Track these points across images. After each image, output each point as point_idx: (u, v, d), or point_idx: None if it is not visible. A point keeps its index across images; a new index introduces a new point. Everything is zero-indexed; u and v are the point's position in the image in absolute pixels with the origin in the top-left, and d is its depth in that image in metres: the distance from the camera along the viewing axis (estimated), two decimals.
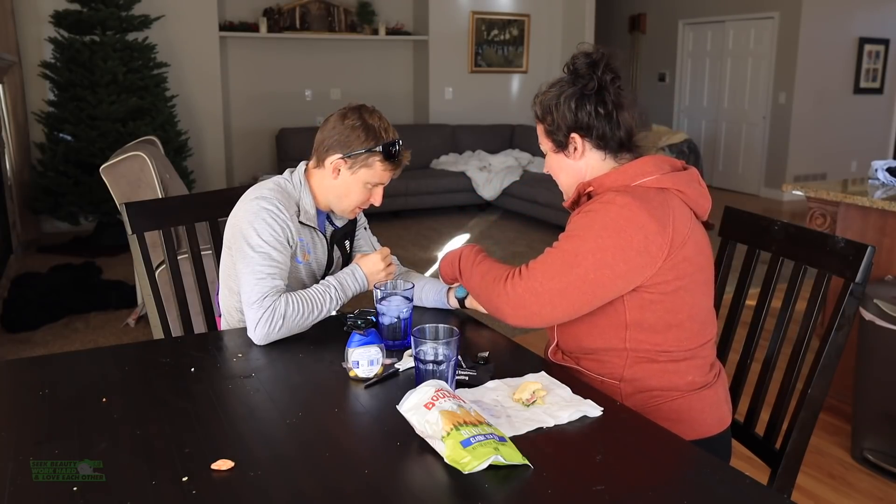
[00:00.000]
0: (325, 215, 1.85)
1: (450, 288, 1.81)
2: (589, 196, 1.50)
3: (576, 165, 1.52)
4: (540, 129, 1.56)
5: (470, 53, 7.81)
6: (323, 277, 1.82)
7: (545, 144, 1.56)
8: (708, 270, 1.48)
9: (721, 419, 1.53)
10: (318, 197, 1.79)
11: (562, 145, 1.51)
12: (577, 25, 7.90)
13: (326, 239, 1.84)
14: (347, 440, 1.22)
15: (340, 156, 1.71)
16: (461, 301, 1.77)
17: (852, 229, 2.89)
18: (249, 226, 1.66)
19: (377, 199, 1.79)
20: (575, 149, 1.50)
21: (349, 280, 1.71)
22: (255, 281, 1.62)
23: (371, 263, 1.75)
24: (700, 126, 9.05)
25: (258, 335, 1.58)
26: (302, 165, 1.80)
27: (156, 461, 1.11)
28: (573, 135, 1.49)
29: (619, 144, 1.49)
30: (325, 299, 1.65)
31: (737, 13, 8.40)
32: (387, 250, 1.79)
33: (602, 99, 1.45)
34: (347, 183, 1.73)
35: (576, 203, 1.53)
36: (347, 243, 1.92)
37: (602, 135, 1.47)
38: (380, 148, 1.70)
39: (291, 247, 1.71)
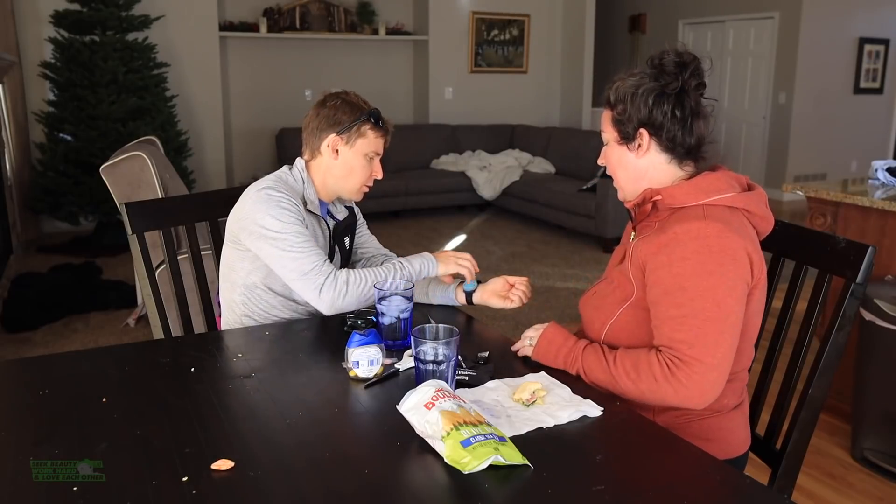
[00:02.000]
0: (326, 209, 1.86)
1: (459, 283, 1.81)
2: (654, 205, 1.42)
3: (637, 163, 1.44)
4: (606, 116, 1.47)
5: (470, 53, 7.81)
6: None
7: (609, 133, 1.47)
8: (765, 293, 1.44)
9: (745, 439, 1.51)
10: (321, 187, 1.82)
11: (628, 137, 1.43)
12: (577, 25, 7.90)
13: (329, 230, 1.85)
14: (347, 440, 1.22)
15: (335, 134, 1.76)
16: (469, 296, 1.77)
17: (852, 229, 2.89)
18: (266, 214, 1.67)
19: (378, 172, 1.84)
20: (640, 145, 1.42)
21: (415, 258, 1.76)
22: (302, 255, 1.65)
23: (440, 252, 1.80)
24: None
25: (325, 301, 1.63)
26: (301, 161, 1.82)
27: (156, 461, 1.11)
28: (642, 130, 1.41)
29: (687, 152, 1.42)
30: (388, 271, 1.68)
31: (737, 13, 8.40)
32: (465, 254, 1.82)
33: (681, 102, 1.39)
34: (349, 159, 1.78)
35: (637, 206, 1.45)
36: (347, 239, 1.93)
37: (672, 137, 1.40)
38: (367, 116, 1.77)
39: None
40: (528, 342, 1.54)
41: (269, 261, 1.69)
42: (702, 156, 1.44)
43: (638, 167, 1.44)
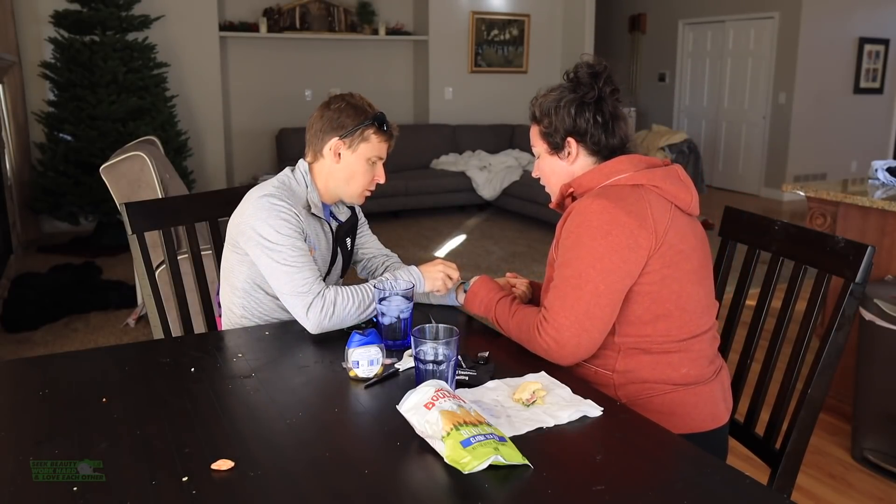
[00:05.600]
0: (329, 210, 1.86)
1: (459, 283, 1.81)
2: (572, 197, 1.55)
3: (568, 169, 1.57)
4: (535, 131, 1.60)
5: (470, 53, 7.81)
6: (328, 273, 1.83)
7: (539, 146, 1.60)
8: (694, 259, 1.48)
9: (716, 416, 1.53)
10: (323, 190, 1.81)
11: (557, 147, 1.56)
12: (577, 25, 7.90)
13: (332, 231, 1.85)
14: (347, 440, 1.22)
15: (337, 137, 1.75)
16: None
17: (852, 229, 2.89)
18: (265, 223, 1.66)
19: (381, 176, 1.82)
20: (569, 153, 1.55)
21: (403, 274, 1.75)
22: (295, 270, 1.64)
23: (429, 264, 1.78)
24: (700, 126, 9.05)
25: (312, 321, 1.61)
26: (304, 163, 1.81)
27: (156, 461, 1.11)
28: (569, 139, 1.54)
29: (612, 152, 1.54)
30: (377, 292, 1.63)
31: (737, 13, 8.40)
32: (452, 264, 1.80)
33: (600, 108, 1.52)
34: (351, 163, 1.76)
35: (560, 205, 1.60)
36: (349, 241, 1.93)
37: (597, 141, 1.53)
38: (371, 120, 1.75)
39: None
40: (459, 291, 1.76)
41: (263, 270, 1.69)
42: (629, 151, 1.55)
43: (569, 172, 1.57)
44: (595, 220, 1.41)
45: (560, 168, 1.58)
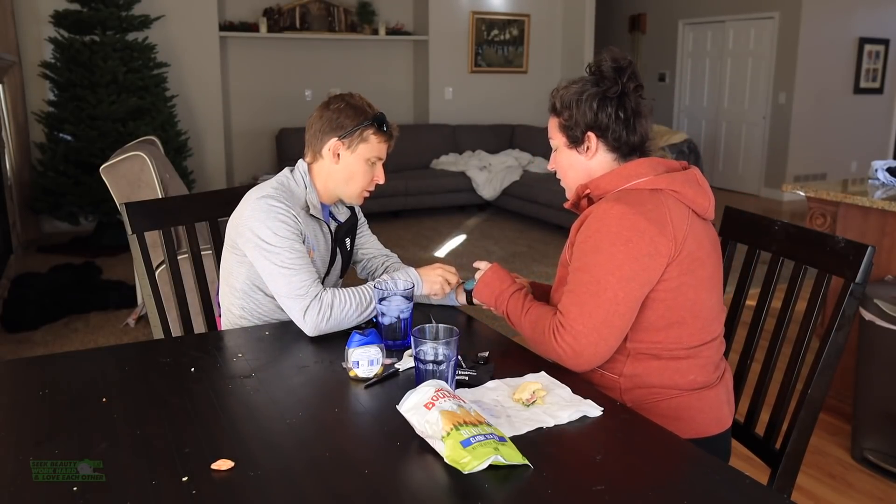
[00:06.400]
0: (329, 211, 1.86)
1: (459, 283, 1.81)
2: (589, 198, 1.52)
3: (586, 164, 1.53)
4: (554, 123, 1.56)
5: (470, 53, 7.81)
6: (327, 274, 1.83)
7: (557, 139, 1.56)
8: (710, 266, 1.47)
9: (720, 420, 1.52)
10: (323, 190, 1.81)
11: (576, 141, 1.52)
12: (577, 25, 7.89)
13: (331, 232, 1.85)
14: (347, 440, 1.22)
15: (336, 138, 1.74)
16: (469, 295, 1.77)
17: (852, 229, 2.89)
18: (263, 225, 1.66)
19: (380, 177, 1.81)
20: (588, 147, 1.51)
21: (401, 276, 1.74)
22: (292, 273, 1.64)
23: (427, 268, 1.78)
24: (700, 126, 9.05)
25: (309, 324, 1.60)
26: (303, 163, 1.81)
27: (156, 461, 1.11)
28: (589, 133, 1.50)
29: (631, 149, 1.51)
30: (375, 294, 1.63)
31: (737, 13, 8.40)
32: (451, 268, 1.80)
33: (623, 104, 1.48)
34: (350, 164, 1.76)
35: (575, 205, 1.56)
36: (348, 241, 1.93)
37: (618, 137, 1.49)
38: (371, 120, 1.74)
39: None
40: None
41: (260, 272, 1.69)
42: (646, 151, 1.53)
43: (587, 167, 1.53)
44: (615, 226, 1.39)
45: (578, 162, 1.54)
